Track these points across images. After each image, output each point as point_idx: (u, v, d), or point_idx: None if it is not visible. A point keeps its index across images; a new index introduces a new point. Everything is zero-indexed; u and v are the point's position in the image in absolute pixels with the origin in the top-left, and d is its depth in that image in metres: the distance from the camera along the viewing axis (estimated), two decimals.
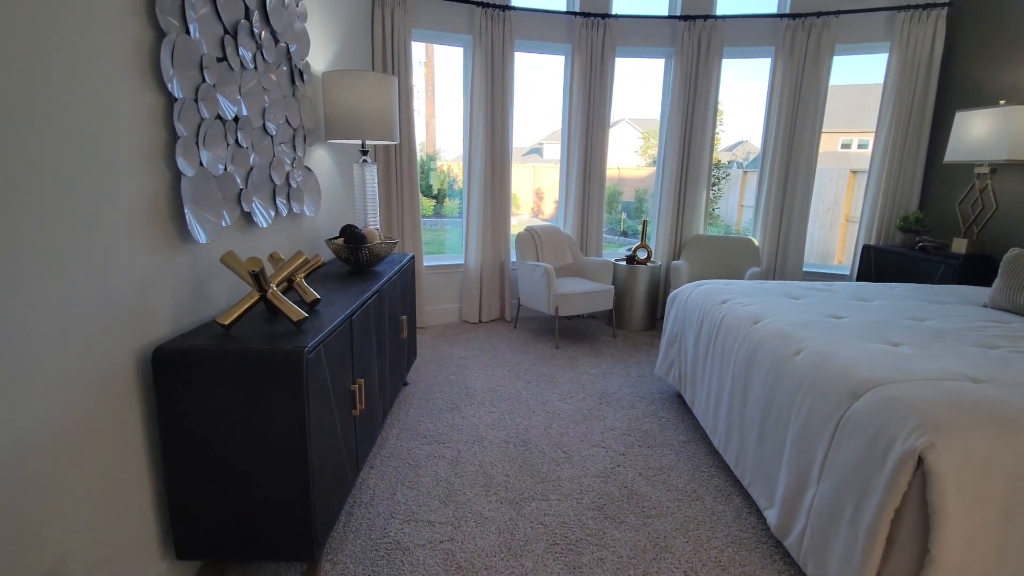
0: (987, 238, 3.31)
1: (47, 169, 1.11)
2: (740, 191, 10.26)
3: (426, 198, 10.80)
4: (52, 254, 1.13)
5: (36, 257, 1.09)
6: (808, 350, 1.85)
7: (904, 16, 3.77)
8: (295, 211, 2.30)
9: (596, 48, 4.13)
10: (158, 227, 1.46)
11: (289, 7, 2.21)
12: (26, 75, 1.05)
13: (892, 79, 3.88)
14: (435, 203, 10.80)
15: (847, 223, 7.44)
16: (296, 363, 1.41)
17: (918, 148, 3.87)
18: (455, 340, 3.98)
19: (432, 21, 3.90)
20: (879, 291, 2.71)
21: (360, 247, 2.41)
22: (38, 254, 1.09)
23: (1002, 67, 3.34)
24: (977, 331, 2.03)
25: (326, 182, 2.80)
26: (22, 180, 1.05)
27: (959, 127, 3.22)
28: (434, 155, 10.65)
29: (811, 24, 3.94)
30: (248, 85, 1.89)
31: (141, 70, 1.38)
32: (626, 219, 12.15)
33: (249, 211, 1.90)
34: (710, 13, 4.13)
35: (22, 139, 1.05)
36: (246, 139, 1.87)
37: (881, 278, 3.73)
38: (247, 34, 1.87)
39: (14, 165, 1.03)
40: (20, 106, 1.04)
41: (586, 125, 4.27)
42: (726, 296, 2.60)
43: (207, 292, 1.71)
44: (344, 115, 2.54)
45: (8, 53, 1.02)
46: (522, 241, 4.16)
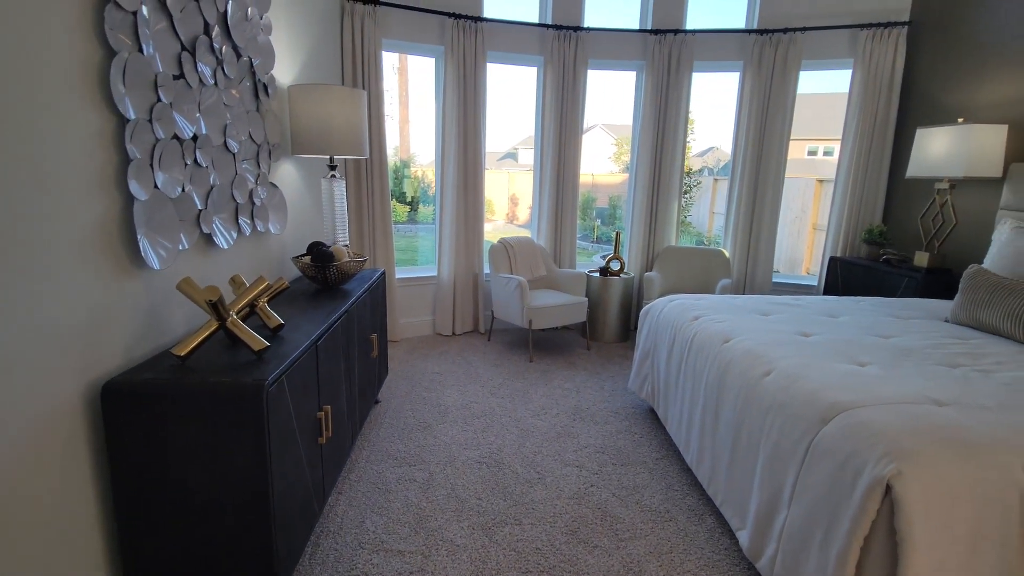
0: (947, 252, 3.41)
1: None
2: (711, 198, 10.43)
3: (400, 204, 10.71)
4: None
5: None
6: (778, 371, 1.86)
7: (866, 34, 3.88)
8: (259, 229, 2.23)
9: (568, 60, 4.14)
10: (109, 254, 1.38)
11: (252, 20, 2.14)
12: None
13: (856, 95, 3.98)
14: (409, 209, 10.71)
15: (814, 231, 7.63)
16: (256, 397, 1.35)
17: (881, 163, 3.98)
18: (428, 354, 3.93)
19: (403, 32, 3.86)
20: (846, 306, 2.76)
21: (328, 266, 2.35)
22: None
23: (960, 85, 3.45)
24: (940, 348, 2.07)
25: (293, 197, 2.73)
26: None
27: (920, 143, 3.31)
28: (408, 160, 10.57)
29: (778, 40, 4.01)
30: (208, 102, 1.82)
31: (89, 91, 1.30)
32: (600, 225, 12.25)
33: (209, 232, 1.82)
34: (680, 28, 4.18)
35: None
36: (206, 158, 1.80)
37: (848, 290, 3.81)
38: (207, 49, 1.80)
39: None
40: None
41: (559, 136, 4.27)
42: (697, 312, 2.61)
43: (164, 319, 1.64)
44: (311, 130, 2.48)
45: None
46: (495, 253, 4.13)
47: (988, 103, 3.24)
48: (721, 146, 14.45)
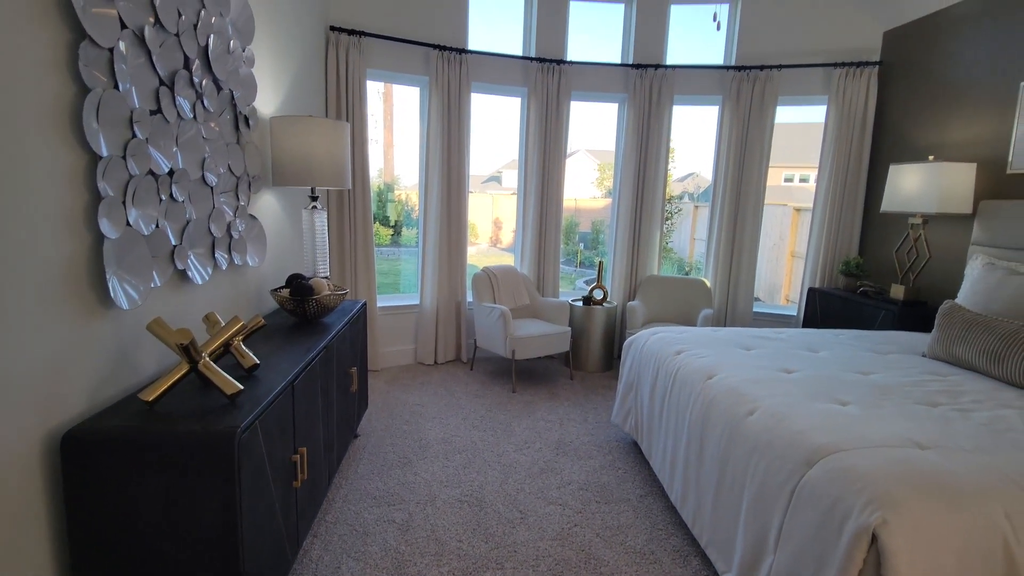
0: (922, 285, 3.48)
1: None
2: (692, 224, 10.60)
3: (383, 227, 10.68)
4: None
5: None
6: (761, 410, 1.85)
7: (839, 72, 4.00)
8: (237, 263, 2.18)
9: (552, 92, 4.19)
10: (75, 295, 1.33)
11: (235, 53, 2.13)
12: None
13: (831, 130, 4.09)
14: (392, 233, 10.67)
15: (792, 258, 7.77)
16: (227, 446, 1.30)
17: (856, 196, 4.07)
18: (409, 384, 3.86)
19: (388, 62, 3.88)
20: (826, 340, 2.78)
21: (307, 300, 2.30)
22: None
23: (929, 124, 3.57)
24: (919, 386, 2.09)
25: (273, 228, 2.69)
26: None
27: (893, 179, 3.39)
28: (393, 183, 10.56)
29: (755, 76, 4.12)
30: (186, 136, 1.79)
31: (60, 129, 1.27)
32: (583, 250, 12.33)
33: (184, 268, 1.78)
34: (660, 63, 4.27)
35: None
36: (182, 192, 1.76)
37: (827, 320, 3.86)
38: (186, 83, 1.77)
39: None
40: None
41: (542, 165, 4.30)
42: (680, 346, 2.61)
43: (134, 359, 1.58)
44: (293, 162, 2.46)
45: None
46: (478, 282, 4.11)
47: (957, 142, 3.35)
48: (701, 171, 14.74)
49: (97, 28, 1.34)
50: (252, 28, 2.26)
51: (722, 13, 4.32)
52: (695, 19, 4.50)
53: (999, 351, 2.20)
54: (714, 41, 4.41)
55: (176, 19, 1.70)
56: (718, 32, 4.29)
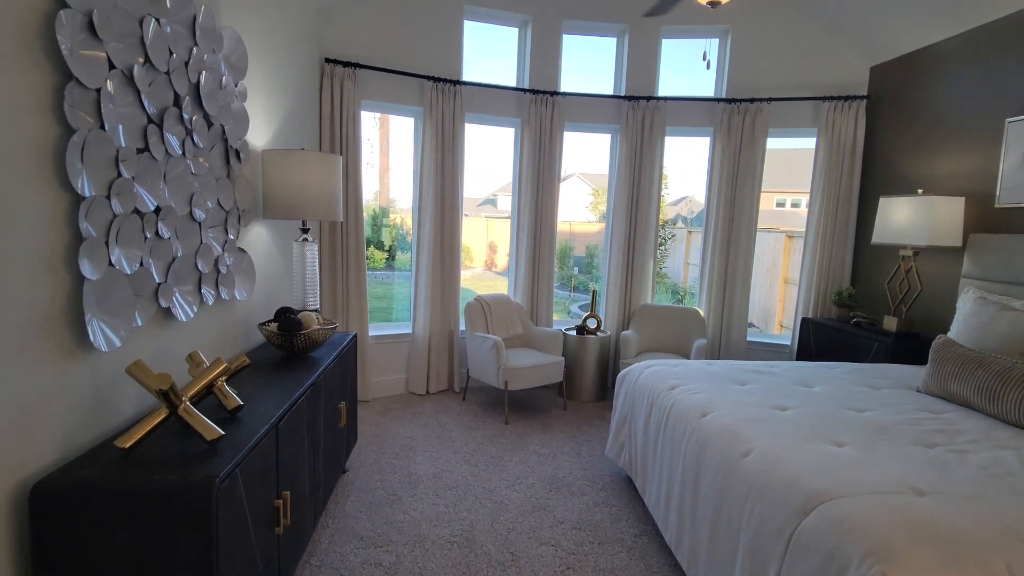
0: (915, 316, 3.48)
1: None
2: (686, 249, 10.65)
3: (378, 251, 10.68)
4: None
5: None
6: (757, 451, 1.82)
7: (828, 105, 4.06)
8: (224, 297, 2.15)
9: (545, 123, 4.23)
10: (51, 339, 1.29)
11: (227, 88, 2.13)
12: None
13: (820, 162, 4.14)
14: (387, 256, 10.68)
15: (786, 284, 7.80)
16: (203, 498, 1.25)
17: (847, 227, 4.10)
18: (400, 415, 3.80)
19: (382, 93, 3.91)
20: (820, 374, 2.76)
21: (295, 335, 2.26)
22: None
23: (917, 157, 3.61)
24: (915, 425, 2.06)
25: (263, 261, 2.66)
26: None
27: (883, 211, 3.42)
28: (388, 206, 10.60)
29: (745, 108, 4.18)
30: (174, 172, 1.77)
31: (42, 171, 1.25)
32: (577, 275, 12.35)
33: (168, 306, 1.74)
34: (652, 94, 4.33)
35: None
36: (168, 229, 1.74)
37: (820, 351, 3.84)
38: (175, 120, 1.77)
39: None
40: None
41: (535, 195, 4.31)
42: (674, 381, 2.58)
43: (112, 402, 1.53)
44: (284, 195, 2.44)
45: None
46: (471, 311, 4.08)
47: (945, 175, 3.39)
48: (694, 195, 14.89)
49: (84, 70, 1.33)
50: (245, 64, 2.27)
51: (712, 47, 4.41)
52: (686, 52, 4.58)
53: (994, 388, 2.18)
54: (705, 74, 4.48)
55: (167, 58, 1.70)
56: (707, 71, 4.36)
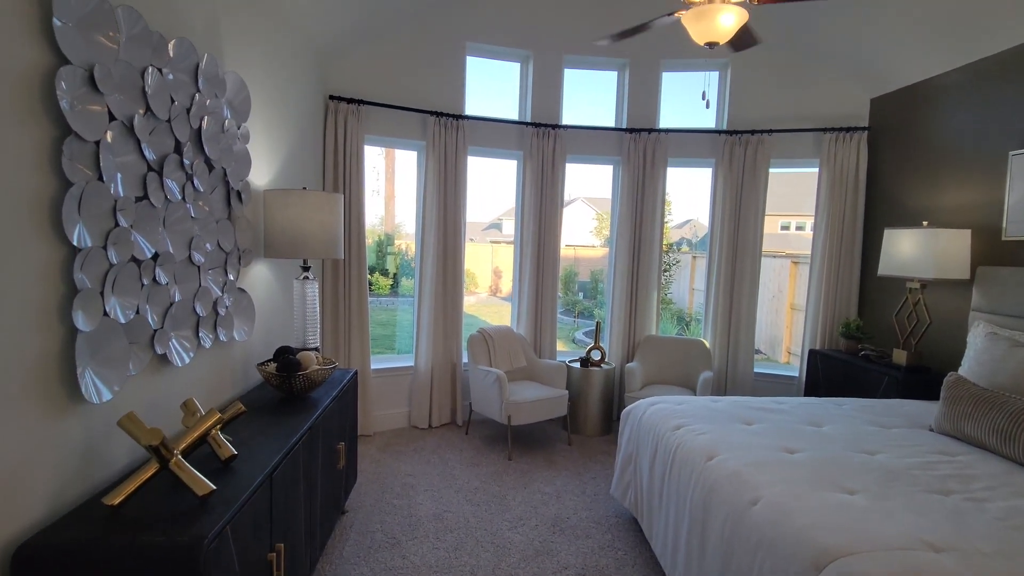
0: (925, 350, 3.41)
1: None
2: (691, 275, 10.61)
3: (383, 277, 10.72)
4: None
5: None
6: (765, 500, 1.76)
7: (829, 137, 4.07)
8: (223, 339, 2.13)
9: (547, 155, 4.26)
10: (42, 393, 1.27)
11: (229, 131, 2.15)
12: None
13: (823, 192, 4.13)
14: (392, 283, 10.70)
15: (792, 311, 7.74)
16: (191, 560, 1.21)
17: (852, 259, 4.06)
18: (402, 451, 3.74)
19: (386, 128, 3.95)
20: (828, 411, 2.70)
21: (293, 376, 2.24)
22: None
23: (921, 189, 3.60)
24: (928, 470, 2.00)
25: (264, 300, 2.65)
26: None
27: (888, 243, 3.39)
28: (394, 232, 10.67)
29: (747, 140, 4.19)
30: (174, 217, 1.78)
31: (38, 224, 1.25)
32: (582, 300, 12.31)
33: (164, 352, 1.73)
34: (654, 127, 4.36)
35: None
36: (167, 275, 1.73)
37: (829, 384, 3.77)
38: (176, 166, 1.78)
39: None
40: None
41: (538, 228, 4.31)
42: (679, 421, 2.52)
43: (104, 454, 1.50)
44: (284, 234, 2.45)
45: None
46: (474, 344, 4.05)
47: (950, 207, 3.36)
48: (698, 218, 14.89)
49: (83, 124, 1.34)
50: (248, 107, 2.30)
51: (712, 80, 4.45)
52: (687, 84, 4.62)
53: (1009, 430, 2.12)
54: (709, 107, 4.51)
55: (168, 105, 1.71)
56: (707, 110, 4.39)
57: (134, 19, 1.52)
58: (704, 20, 2.13)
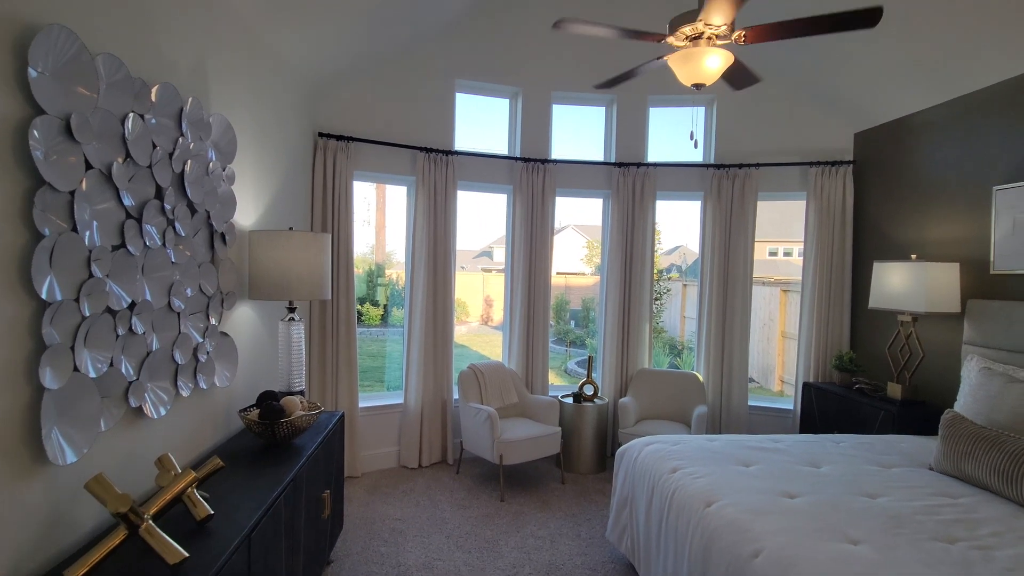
0: (919, 383, 3.39)
1: None
2: (682, 303, 10.62)
3: (373, 307, 10.64)
4: None
5: None
6: (767, 552, 1.70)
7: (815, 170, 4.12)
8: (203, 387, 2.05)
9: (537, 190, 4.26)
10: (3, 456, 1.20)
11: (214, 173, 2.12)
12: None
13: (812, 225, 4.16)
14: (382, 313, 10.62)
15: (783, 339, 7.74)
16: None
17: (843, 291, 4.07)
18: (390, 493, 3.62)
19: (375, 164, 3.95)
20: (827, 450, 2.65)
21: (276, 423, 2.16)
22: None
23: (908, 222, 3.63)
24: (932, 514, 1.94)
25: (248, 342, 2.58)
26: None
27: (878, 276, 3.39)
28: (384, 262, 10.63)
29: (735, 174, 4.23)
30: (153, 263, 1.72)
31: (5, 278, 1.19)
32: (574, 328, 12.26)
33: (139, 405, 1.65)
34: (642, 161, 4.39)
35: None
36: (144, 323, 1.67)
37: (824, 418, 3.73)
38: (156, 212, 1.73)
39: None
40: None
41: (528, 259, 4.29)
42: (676, 463, 2.46)
43: (71, 518, 1.42)
44: (270, 276, 2.40)
45: None
46: (465, 380, 3.97)
47: (937, 240, 3.38)
48: (688, 244, 14.99)
49: (57, 174, 1.29)
50: (234, 149, 2.27)
51: (699, 116, 4.51)
52: (674, 118, 4.67)
53: (1010, 471, 2.08)
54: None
55: (150, 151, 1.68)
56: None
57: (115, 66, 1.49)
58: (690, 63, 2.15)
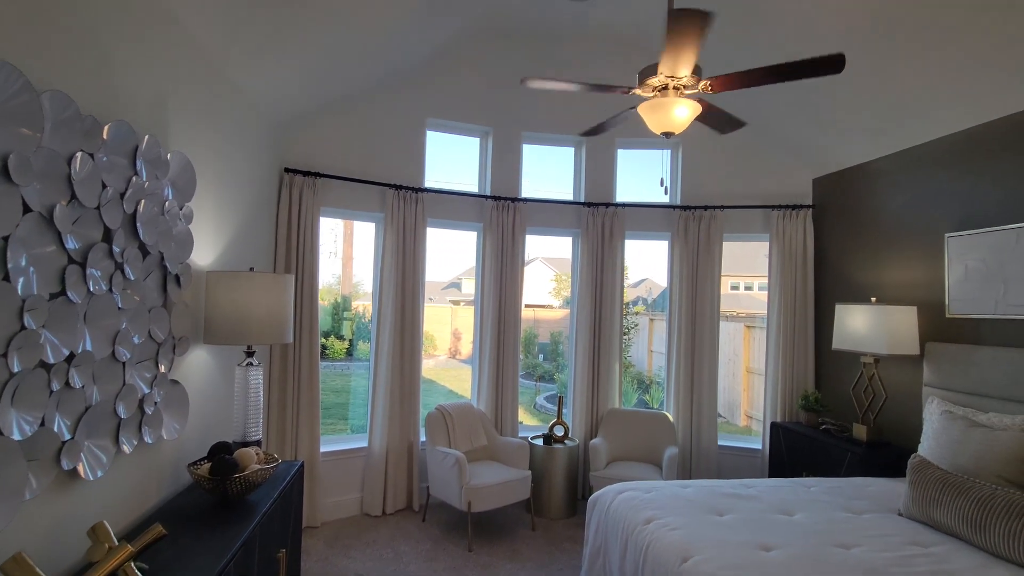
0: (883, 423, 3.44)
1: None
2: (648, 337, 10.71)
3: (338, 340, 10.36)
4: None
5: None
6: None
7: (777, 214, 4.24)
8: (148, 441, 1.90)
9: (507, 228, 4.25)
10: None
11: (170, 212, 2.01)
12: None
13: (775, 267, 4.25)
14: (348, 346, 10.35)
15: (748, 374, 7.85)
16: None
17: (806, 331, 4.15)
18: (352, 545, 3.43)
19: (343, 200, 3.88)
20: (798, 496, 2.63)
21: (228, 480, 2.01)
22: None
23: (866, 265, 3.74)
24: (906, 566, 1.93)
25: (201, 390, 2.43)
26: None
27: (840, 318, 3.47)
28: (351, 294, 10.40)
29: (700, 215, 4.32)
30: (97, 310, 1.60)
31: None
32: (542, 362, 12.18)
33: (74, 467, 1.50)
34: (611, 201, 4.45)
35: None
36: (83, 376, 1.54)
37: (792, 458, 3.74)
38: (103, 255, 1.62)
39: None
40: None
41: (498, 298, 4.24)
42: (650, 513, 2.39)
43: None
44: (228, 319, 2.27)
45: None
46: (432, 422, 3.84)
47: (895, 283, 3.49)
48: (653, 276, 15.22)
49: None
50: (193, 187, 2.18)
51: (665, 158, 4.62)
52: (642, 160, 4.77)
53: (979, 519, 2.09)
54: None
55: (98, 192, 1.58)
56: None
57: (63, 105, 1.41)
58: (659, 112, 2.18)
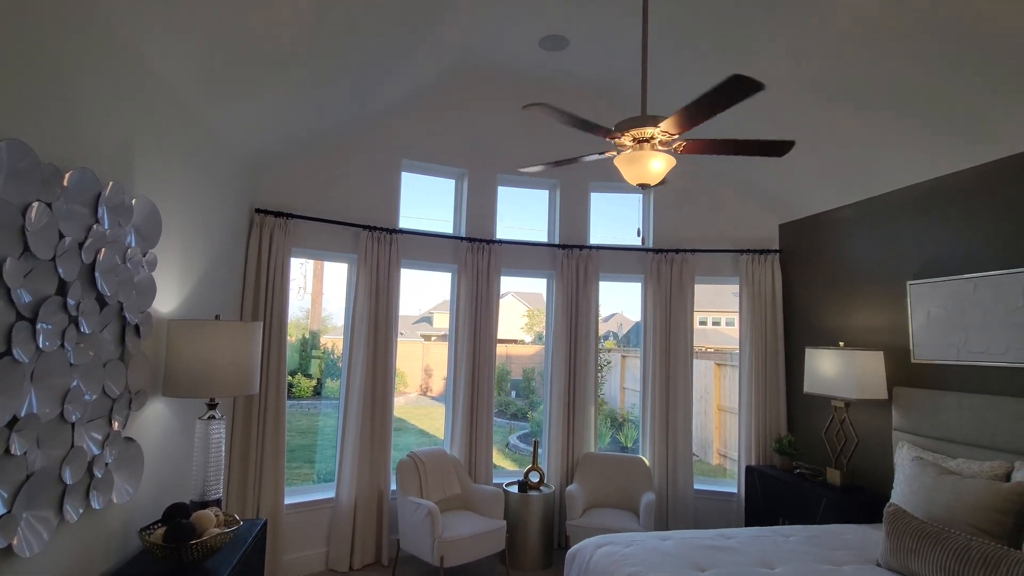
0: (856, 468, 3.47)
1: None
2: (621, 374, 10.72)
3: (306, 378, 10.05)
4: None
5: None
6: None
7: (746, 258, 4.34)
8: (96, 507, 1.76)
9: (482, 269, 4.23)
10: None
11: (132, 259, 1.93)
12: None
13: (745, 309, 4.32)
14: (315, 384, 10.05)
15: (720, 412, 7.89)
16: None
17: (777, 374, 4.20)
18: None
19: (315, 241, 3.81)
20: (777, 546, 2.60)
21: (183, 547, 1.87)
22: None
23: (833, 309, 3.84)
24: None
25: (157, 446, 2.28)
26: None
27: (810, 362, 3.52)
28: (320, 328, 10.15)
29: (672, 258, 4.39)
30: (46, 368, 1.49)
31: None
32: (515, 400, 12.03)
33: (8, 544, 1.37)
34: (585, 243, 4.49)
35: None
36: (26, 441, 1.42)
37: (768, 501, 3.72)
38: (57, 309, 1.52)
39: None
40: None
41: (472, 341, 4.18)
42: (630, 569, 2.32)
43: None
44: (190, 371, 2.16)
45: None
46: (404, 470, 3.70)
47: (862, 328, 3.58)
48: (623, 311, 15.35)
49: None
50: (158, 233, 2.09)
51: (637, 202, 4.71)
52: (616, 203, 4.85)
53: (956, 570, 2.08)
54: (634, 225, 4.75)
55: (55, 243, 1.49)
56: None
57: (21, 153, 1.34)
58: (636, 164, 2.22)
